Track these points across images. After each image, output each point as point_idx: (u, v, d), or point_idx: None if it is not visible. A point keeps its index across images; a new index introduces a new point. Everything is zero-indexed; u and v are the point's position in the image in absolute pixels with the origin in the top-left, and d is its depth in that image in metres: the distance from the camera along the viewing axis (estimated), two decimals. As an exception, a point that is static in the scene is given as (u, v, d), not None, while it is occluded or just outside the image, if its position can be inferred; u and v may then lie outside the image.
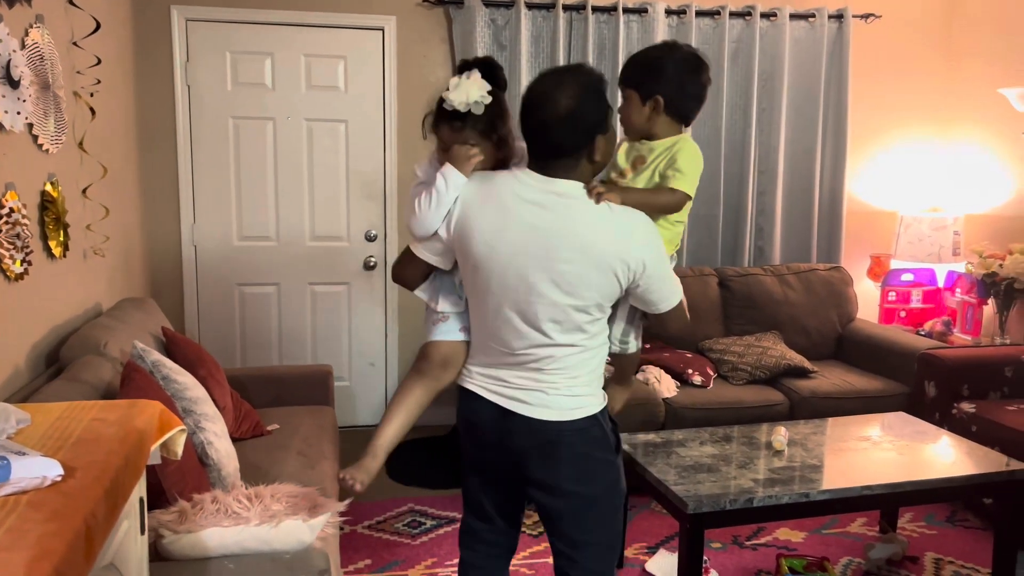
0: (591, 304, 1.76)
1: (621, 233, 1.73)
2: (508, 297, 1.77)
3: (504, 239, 1.74)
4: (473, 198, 1.79)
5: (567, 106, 1.71)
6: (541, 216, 1.72)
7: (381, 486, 3.71)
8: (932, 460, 2.80)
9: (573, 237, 1.71)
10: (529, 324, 1.77)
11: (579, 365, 1.82)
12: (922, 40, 4.74)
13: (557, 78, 1.76)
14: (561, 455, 1.82)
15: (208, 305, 4.21)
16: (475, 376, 1.90)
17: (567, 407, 1.81)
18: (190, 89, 4.04)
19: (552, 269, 1.72)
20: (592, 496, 1.86)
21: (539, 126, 1.74)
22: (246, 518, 1.89)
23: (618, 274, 1.73)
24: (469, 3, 4.12)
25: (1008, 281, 4.14)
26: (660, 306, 1.85)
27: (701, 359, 3.91)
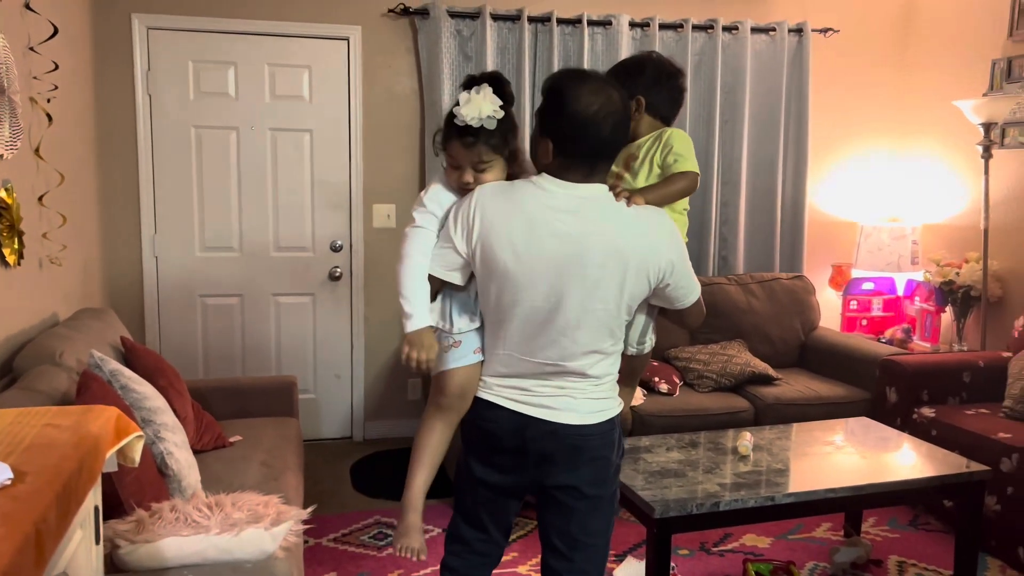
0: (623, 307, 1.77)
1: (651, 234, 1.76)
2: (539, 307, 1.75)
3: (535, 249, 1.72)
4: (497, 211, 1.75)
5: (622, 107, 1.74)
6: (571, 223, 1.71)
7: (346, 498, 3.66)
8: (894, 463, 2.83)
9: (606, 240, 1.71)
10: (560, 332, 1.76)
11: (604, 370, 1.83)
12: (879, 54, 4.85)
13: (596, 86, 1.74)
14: (584, 458, 1.82)
15: (170, 316, 4.14)
16: (493, 387, 1.85)
17: (592, 410, 1.82)
18: (151, 98, 3.99)
19: (585, 275, 1.72)
20: (601, 498, 1.88)
21: (611, 132, 1.73)
22: (206, 527, 1.85)
23: (650, 275, 1.76)
24: (435, 14, 4.12)
25: (964, 289, 4.23)
26: (684, 302, 1.86)
27: (667, 367, 3.93)
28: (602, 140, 1.73)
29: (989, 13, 4.29)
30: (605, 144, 1.74)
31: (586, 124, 1.71)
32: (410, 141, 4.31)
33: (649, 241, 1.75)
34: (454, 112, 1.79)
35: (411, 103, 4.29)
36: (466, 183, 1.81)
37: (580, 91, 1.72)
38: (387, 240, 4.32)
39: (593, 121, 1.71)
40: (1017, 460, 3.02)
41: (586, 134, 1.72)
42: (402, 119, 4.29)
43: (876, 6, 4.80)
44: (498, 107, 1.78)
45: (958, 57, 4.50)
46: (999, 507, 3.08)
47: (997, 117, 3.93)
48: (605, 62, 4.34)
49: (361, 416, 4.42)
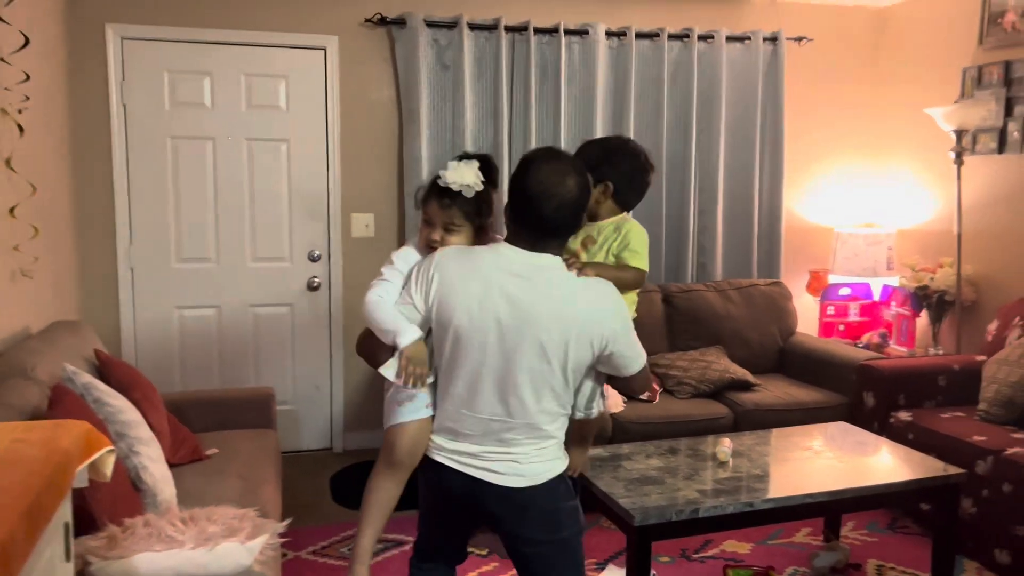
0: (568, 371, 1.86)
1: (597, 303, 1.86)
2: (488, 365, 1.85)
3: (486, 309, 1.83)
4: (455, 271, 1.87)
5: (578, 194, 1.85)
6: (523, 287, 1.83)
7: (325, 510, 3.63)
8: (872, 467, 2.85)
9: (553, 307, 1.82)
10: (506, 392, 1.85)
11: (548, 434, 1.92)
12: (852, 62, 4.91)
13: (557, 166, 1.87)
14: (532, 514, 1.93)
15: (145, 328, 4.10)
16: (444, 449, 1.95)
17: (537, 472, 1.91)
18: (126, 108, 3.96)
19: (533, 337, 1.81)
20: (562, 540, 1.97)
21: (555, 211, 1.84)
22: (180, 541, 1.82)
23: (593, 341, 1.85)
24: (412, 23, 4.13)
25: (939, 293, 4.28)
26: (629, 370, 1.96)
27: (647, 374, 3.94)
28: (542, 217, 1.84)
29: (959, 22, 4.35)
30: (545, 221, 1.85)
31: (531, 199, 1.84)
32: (388, 150, 4.31)
33: (593, 309, 1.85)
34: (439, 174, 1.96)
35: (389, 112, 4.29)
36: (434, 240, 1.97)
37: (540, 169, 1.86)
38: (366, 249, 4.30)
39: (537, 198, 1.83)
40: (992, 462, 3.05)
41: (530, 208, 1.85)
42: (380, 128, 4.29)
43: (849, 15, 4.86)
44: (480, 181, 1.93)
45: (930, 65, 4.56)
46: (975, 509, 3.11)
47: (968, 124, 3.98)
48: (582, 72, 4.37)
49: (340, 427, 4.39)
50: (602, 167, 2.08)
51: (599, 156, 2.13)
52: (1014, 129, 4.03)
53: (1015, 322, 3.63)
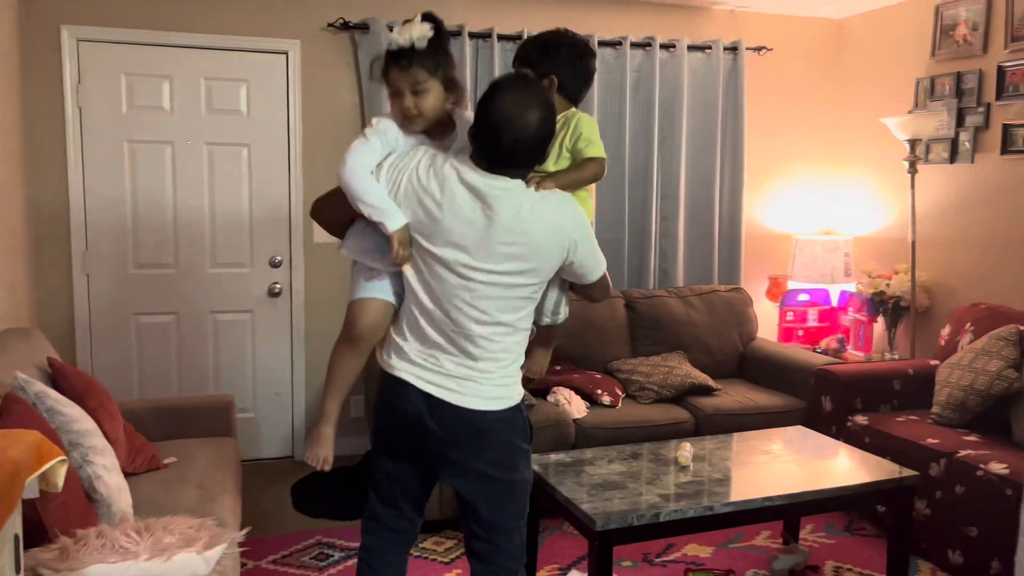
0: (527, 285, 1.89)
1: (559, 217, 1.88)
2: (450, 270, 1.86)
3: (447, 215, 1.83)
4: (422, 171, 1.86)
5: (539, 128, 1.83)
6: (482, 206, 1.83)
7: (286, 519, 3.59)
8: (829, 471, 2.90)
9: (515, 225, 1.83)
10: (465, 307, 1.87)
11: (509, 348, 1.94)
12: (811, 72, 5.00)
13: (522, 98, 1.82)
14: (487, 441, 1.93)
15: (102, 335, 4.02)
16: (405, 363, 1.94)
17: (496, 396, 1.92)
18: (82, 111, 3.89)
19: (494, 250, 1.84)
20: (511, 481, 1.98)
21: (512, 144, 1.82)
22: (135, 553, 1.79)
23: (555, 256, 1.89)
24: (375, 29, 4.11)
25: (894, 299, 4.37)
26: (590, 277, 2.01)
27: (609, 379, 3.96)
28: (500, 149, 1.82)
29: (913, 34, 4.46)
30: (502, 153, 1.83)
31: (489, 128, 1.82)
32: (351, 156, 4.27)
33: (554, 222, 1.87)
34: (390, 42, 1.89)
35: (352, 118, 4.26)
36: (407, 108, 1.89)
37: (504, 98, 1.82)
38: (328, 256, 4.27)
39: (496, 128, 1.81)
40: (945, 465, 3.12)
41: (488, 137, 1.83)
42: (343, 134, 4.26)
43: (807, 26, 4.96)
44: (429, 28, 1.87)
45: (885, 76, 4.67)
46: (929, 511, 3.17)
47: (921, 134, 4.08)
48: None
49: (302, 435, 4.34)
50: (543, 63, 2.02)
51: (537, 52, 2.06)
52: (965, 139, 4.14)
53: (967, 327, 3.72)
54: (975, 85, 4.07)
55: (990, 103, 4.01)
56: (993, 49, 4.00)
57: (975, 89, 4.08)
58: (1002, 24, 3.94)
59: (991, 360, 3.38)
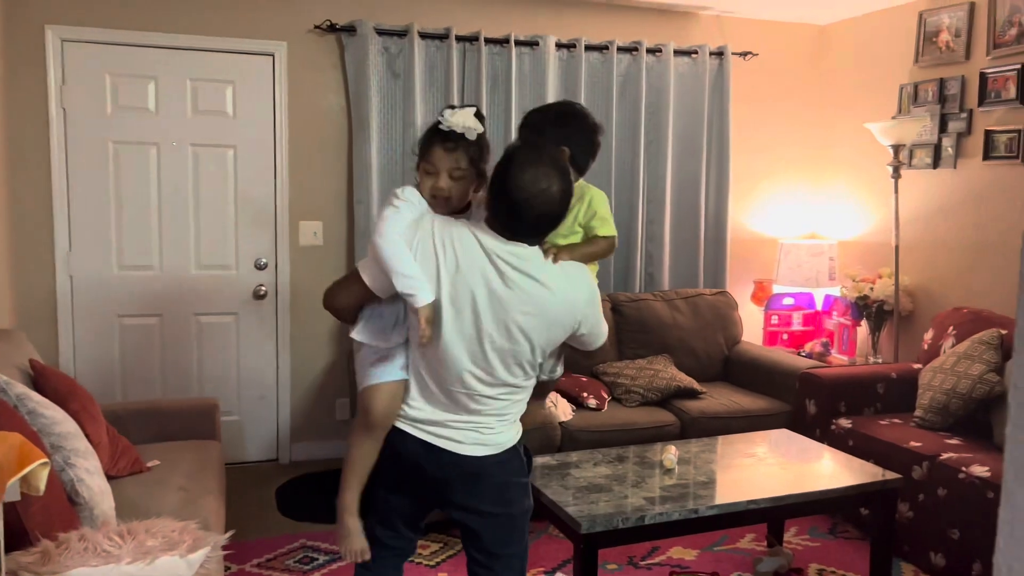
0: (538, 350, 1.90)
1: (572, 289, 1.90)
2: (461, 335, 1.85)
3: (464, 280, 1.83)
4: (437, 235, 1.85)
5: (560, 200, 1.84)
6: (499, 276, 1.83)
7: (271, 522, 3.57)
8: (813, 474, 2.92)
9: (531, 299, 1.84)
10: (474, 369, 1.87)
11: (512, 406, 1.97)
12: (796, 77, 5.04)
13: (542, 171, 1.83)
14: (484, 484, 1.97)
15: (85, 337, 3.99)
16: (410, 415, 1.95)
17: (491, 443, 1.95)
18: (66, 112, 3.86)
19: (509, 319, 1.84)
20: (509, 515, 2.02)
21: (536, 220, 1.84)
22: (117, 556, 1.77)
23: (565, 326, 1.92)
24: (362, 31, 4.11)
25: (878, 304, 4.40)
26: (595, 345, 2.06)
27: (595, 383, 3.97)
28: (521, 222, 1.84)
29: (897, 40, 4.50)
30: (523, 226, 1.85)
31: (512, 204, 1.82)
32: (337, 158, 4.27)
33: (569, 294, 1.89)
34: (440, 120, 1.91)
35: (338, 120, 4.26)
36: (439, 189, 1.90)
37: (526, 171, 1.82)
38: (314, 258, 4.26)
39: (519, 205, 1.81)
40: (927, 468, 3.15)
41: (510, 212, 1.83)
42: (329, 136, 4.25)
43: (792, 32, 4.99)
44: (479, 124, 1.92)
45: (869, 81, 4.71)
46: (912, 513, 3.19)
47: (905, 139, 4.11)
48: (533, 82, 4.40)
49: (287, 438, 4.33)
50: (555, 132, 2.07)
51: (554, 123, 2.11)
52: (948, 145, 4.18)
53: (949, 331, 3.75)
54: (958, 91, 4.12)
55: (972, 109, 4.05)
56: (975, 55, 4.04)
57: (958, 95, 4.12)
58: (984, 31, 3.98)
59: (973, 364, 3.41)
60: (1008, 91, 3.85)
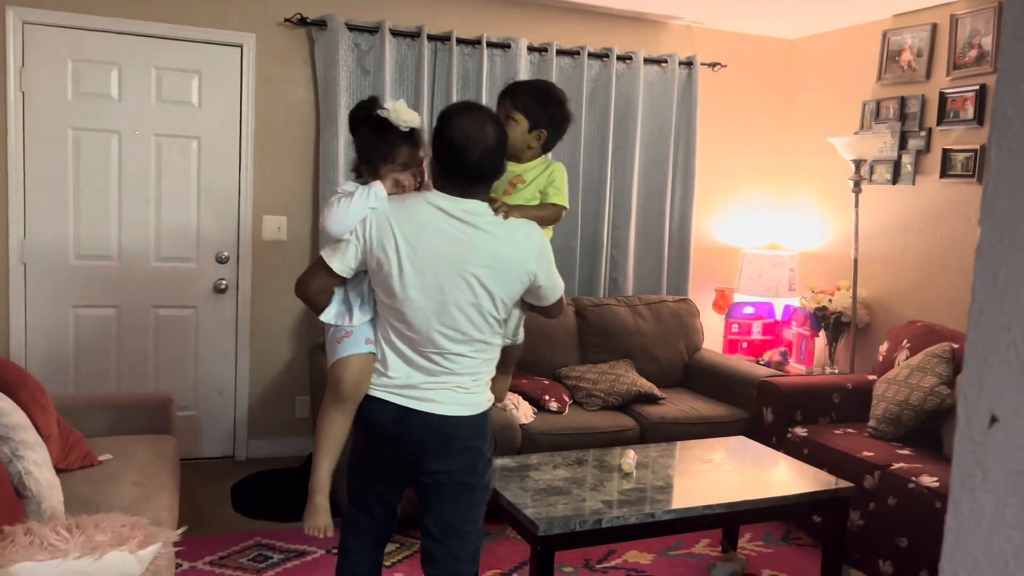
0: (498, 303, 2.01)
1: (523, 243, 2.03)
2: (425, 295, 1.96)
3: (422, 245, 1.95)
4: (392, 211, 1.99)
5: (497, 139, 1.99)
6: (454, 231, 1.96)
7: (225, 519, 3.52)
8: (768, 481, 2.96)
9: (484, 247, 1.97)
10: (442, 328, 1.98)
11: (482, 365, 2.08)
12: (762, 90, 5.11)
13: (476, 116, 2.00)
14: (455, 446, 2.05)
15: (38, 327, 3.90)
16: (383, 383, 2.05)
17: (466, 403, 2.05)
18: (24, 96, 3.77)
19: (466, 273, 1.96)
20: (471, 486, 2.09)
21: (479, 158, 1.96)
22: (64, 551, 1.74)
23: (521, 279, 2.03)
24: (333, 26, 4.08)
25: (836, 315, 4.48)
26: (550, 299, 2.16)
27: (557, 386, 3.98)
28: (468, 164, 1.97)
29: (861, 57, 4.59)
30: (471, 167, 1.97)
31: (455, 148, 1.97)
32: (304, 152, 4.23)
33: (520, 248, 2.02)
34: (395, 122, 2.02)
35: (306, 114, 4.22)
36: (403, 184, 2.05)
37: (460, 120, 1.98)
38: (277, 253, 4.21)
39: (462, 147, 1.96)
40: (879, 477, 3.21)
41: (455, 156, 1.97)
42: (297, 130, 4.21)
43: (760, 45, 5.06)
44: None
45: (833, 97, 4.79)
46: (862, 522, 3.25)
47: (866, 155, 4.19)
48: (503, 83, 4.37)
49: (244, 434, 4.27)
50: (540, 115, 2.18)
51: (539, 104, 2.20)
52: (907, 162, 4.27)
53: (903, 344, 3.83)
54: (918, 110, 4.21)
55: (931, 128, 4.15)
56: (936, 75, 4.14)
57: (918, 113, 4.21)
58: (945, 52, 4.08)
59: (926, 376, 3.48)
60: (966, 111, 3.95)
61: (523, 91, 2.22)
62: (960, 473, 0.59)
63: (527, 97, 2.19)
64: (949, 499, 0.60)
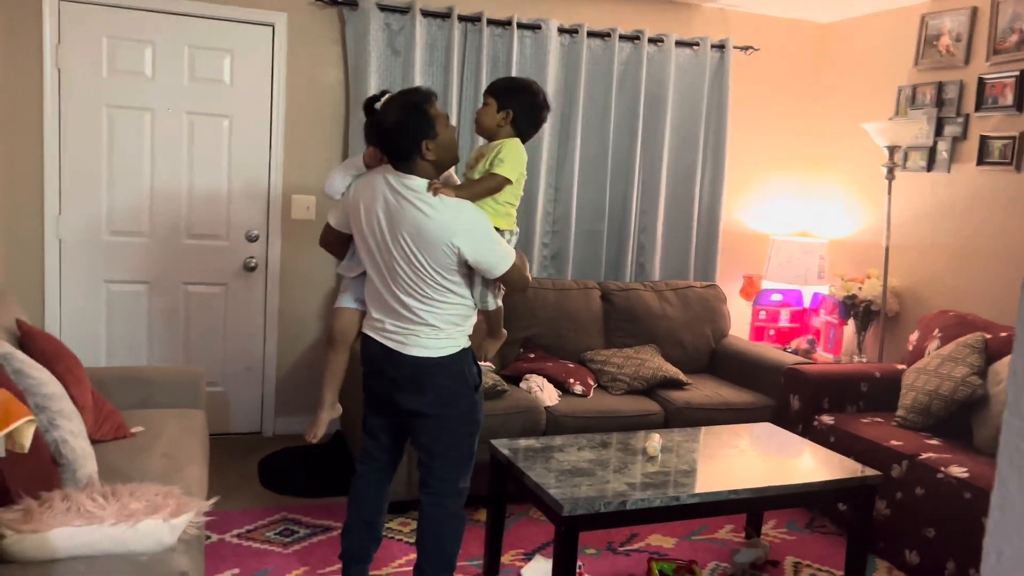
0: (430, 270, 2.33)
1: (448, 217, 2.29)
2: (379, 260, 2.38)
3: (372, 214, 2.37)
4: (360, 181, 2.48)
5: (394, 119, 2.32)
6: (393, 201, 2.33)
7: (252, 494, 3.57)
8: (794, 468, 2.94)
9: (411, 220, 2.30)
10: (394, 284, 2.37)
11: (436, 318, 2.38)
12: (795, 74, 5.04)
13: (390, 99, 2.38)
14: (424, 383, 2.41)
15: (72, 301, 3.96)
16: (369, 324, 2.50)
17: (431, 347, 2.39)
18: (60, 73, 3.82)
19: (398, 242, 2.32)
20: (446, 417, 2.43)
21: (381, 136, 2.36)
22: (100, 517, 1.77)
23: (444, 250, 2.30)
24: (364, 6, 4.08)
25: (866, 303, 4.43)
26: (494, 272, 2.38)
27: (582, 369, 3.98)
28: (387, 149, 2.36)
29: (897, 42, 4.51)
30: (391, 151, 2.35)
31: (378, 138, 2.39)
32: (334, 132, 4.25)
33: (443, 224, 2.29)
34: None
35: (336, 94, 4.23)
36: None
37: (388, 104, 2.37)
38: (306, 232, 4.24)
39: (381, 137, 2.37)
40: (906, 466, 3.18)
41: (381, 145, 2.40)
42: (326, 110, 4.23)
43: (794, 28, 4.99)
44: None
45: (867, 82, 4.72)
46: (888, 511, 3.23)
47: (901, 141, 4.13)
48: (533, 65, 4.38)
49: (272, 411, 4.32)
50: (506, 96, 2.47)
51: (505, 86, 2.51)
52: (943, 148, 4.20)
53: (934, 333, 3.78)
54: (955, 95, 4.13)
55: (969, 114, 4.07)
56: (975, 61, 4.06)
57: (955, 99, 4.13)
58: (985, 37, 4.00)
59: (957, 366, 3.44)
60: (1005, 97, 3.87)
61: (497, 82, 2.54)
62: (1007, 450, 0.59)
63: (499, 85, 2.51)
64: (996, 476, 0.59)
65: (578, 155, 4.50)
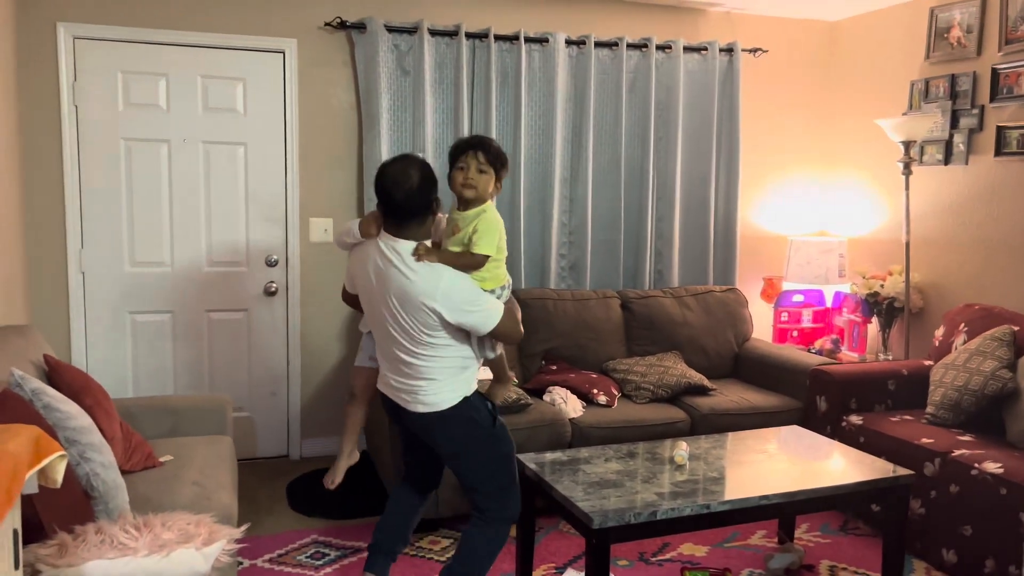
0: (417, 327, 2.43)
1: (428, 283, 2.39)
2: (376, 320, 2.52)
3: (366, 278, 2.50)
4: (357, 247, 2.60)
5: (420, 180, 2.42)
6: (381, 265, 2.45)
7: (282, 518, 3.59)
8: (824, 470, 2.91)
9: (396, 283, 2.41)
10: (390, 341, 2.50)
11: (433, 372, 2.48)
12: (806, 74, 5.02)
13: (403, 163, 2.45)
14: (436, 432, 2.55)
15: (97, 333, 4.01)
16: (382, 377, 2.64)
17: (432, 403, 2.50)
18: (78, 109, 3.88)
19: (387, 304, 2.44)
20: (470, 454, 2.57)
21: (404, 197, 2.40)
22: (134, 548, 1.79)
23: (426, 311, 2.40)
24: (372, 28, 4.11)
25: (889, 300, 4.39)
26: (480, 331, 2.48)
27: (605, 379, 3.97)
28: (396, 203, 2.42)
29: (908, 36, 4.49)
30: (398, 206, 2.42)
31: (384, 192, 2.43)
32: (348, 154, 4.28)
33: (425, 288, 2.38)
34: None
35: (348, 117, 4.27)
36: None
37: (390, 168, 2.45)
38: (324, 254, 4.27)
39: (389, 189, 2.41)
40: (939, 464, 3.14)
41: (385, 199, 2.44)
42: (339, 133, 4.26)
43: (802, 28, 4.98)
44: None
45: (879, 78, 4.69)
46: (923, 510, 3.19)
47: (916, 135, 4.10)
48: (542, 79, 4.40)
49: (298, 434, 4.34)
50: (500, 165, 2.54)
51: (496, 156, 2.55)
52: (959, 141, 4.16)
53: (960, 327, 3.74)
54: (969, 87, 4.10)
55: (984, 105, 4.04)
56: (987, 51, 4.03)
57: (969, 91, 4.10)
58: (996, 26, 3.97)
59: (985, 360, 3.40)
60: (1020, 87, 3.83)
61: (490, 149, 2.55)
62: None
63: (493, 154, 2.54)
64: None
65: (591, 165, 4.50)
